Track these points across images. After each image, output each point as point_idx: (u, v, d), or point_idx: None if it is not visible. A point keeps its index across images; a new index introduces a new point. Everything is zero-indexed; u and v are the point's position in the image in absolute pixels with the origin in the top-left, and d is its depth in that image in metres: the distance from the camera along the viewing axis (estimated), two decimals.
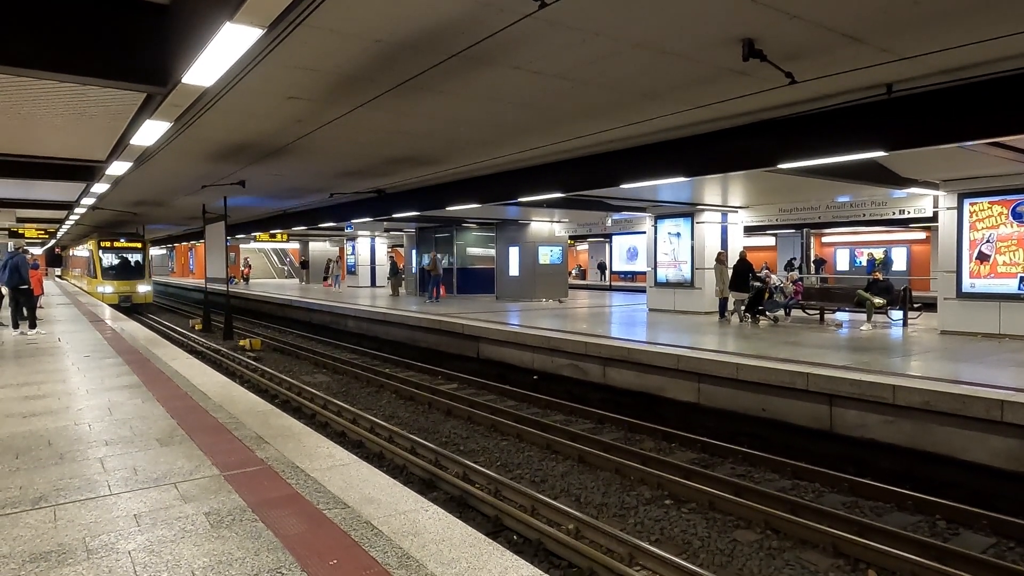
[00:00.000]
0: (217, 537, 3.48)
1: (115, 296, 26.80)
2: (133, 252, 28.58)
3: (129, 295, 27.35)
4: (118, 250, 28.23)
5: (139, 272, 28.28)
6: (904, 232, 29.25)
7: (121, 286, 27.24)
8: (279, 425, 5.85)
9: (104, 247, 27.76)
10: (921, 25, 5.23)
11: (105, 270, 27.44)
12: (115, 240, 28.19)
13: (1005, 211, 12.03)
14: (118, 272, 27.68)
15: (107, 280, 27.19)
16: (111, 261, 28.09)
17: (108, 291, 26.77)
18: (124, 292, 27.17)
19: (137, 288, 27.83)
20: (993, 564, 5.24)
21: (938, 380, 7.99)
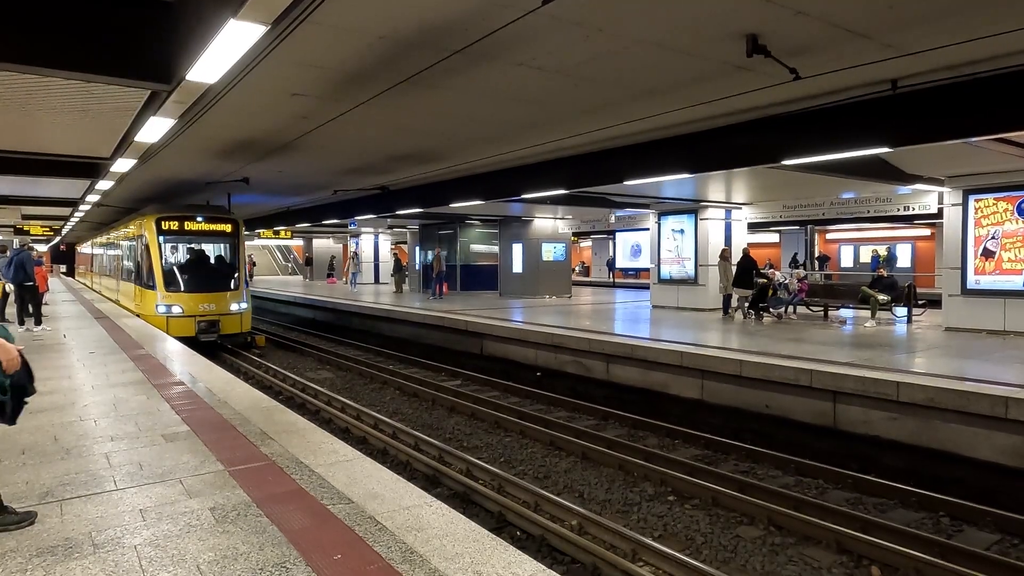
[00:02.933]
0: (222, 532, 3.49)
1: (188, 323, 15.02)
2: (218, 240, 16.90)
3: (214, 320, 15.37)
4: (193, 236, 16.29)
5: (228, 276, 16.38)
6: (909, 229, 29.15)
7: (199, 302, 15.33)
8: (283, 421, 5.87)
9: (167, 230, 15.74)
10: (927, 20, 5.20)
11: (168, 273, 15.44)
12: (188, 217, 16.09)
13: (1011, 207, 11.98)
14: (193, 276, 15.76)
15: (172, 291, 15.25)
16: (178, 257, 16.55)
17: (175, 311, 15.04)
18: (206, 314, 15.31)
19: (227, 305, 15.74)
20: (997, 561, 5.24)
21: (942, 377, 7.97)
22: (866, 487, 6.99)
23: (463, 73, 6.47)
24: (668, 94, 7.29)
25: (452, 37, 5.50)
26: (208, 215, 16.40)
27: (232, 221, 16.65)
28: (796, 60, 5.92)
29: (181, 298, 15.19)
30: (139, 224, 16.23)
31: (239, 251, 16.74)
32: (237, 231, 16.70)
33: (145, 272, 15.68)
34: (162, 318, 14.84)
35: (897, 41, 5.62)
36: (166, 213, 15.90)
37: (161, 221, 15.61)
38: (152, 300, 15.19)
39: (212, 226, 16.38)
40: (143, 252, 15.77)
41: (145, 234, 15.61)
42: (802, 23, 5.21)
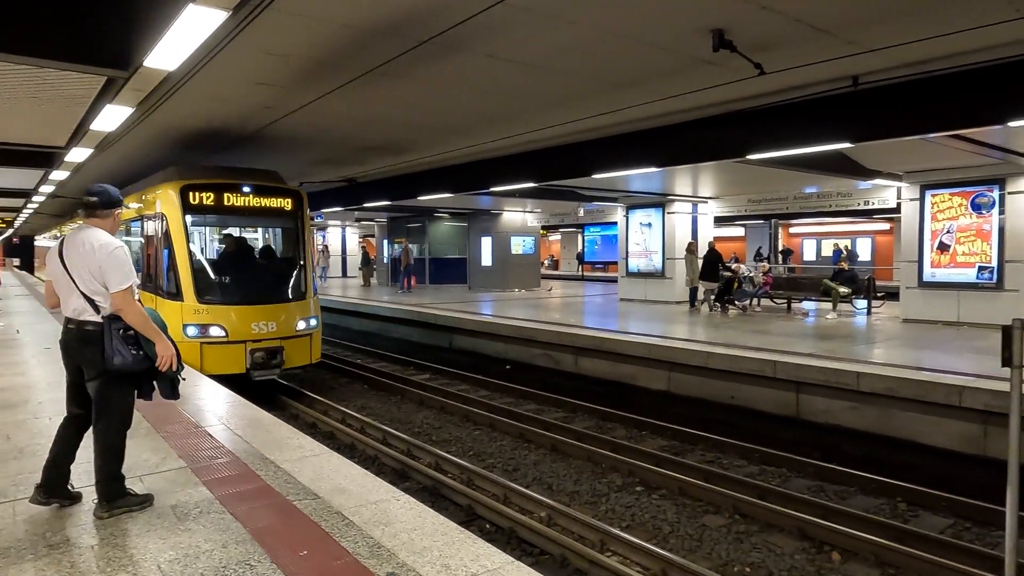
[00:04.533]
0: (184, 530, 3.42)
1: (235, 353, 9.62)
2: (275, 221, 11.42)
3: (275, 346, 9.89)
4: (239, 216, 10.76)
5: (293, 276, 10.83)
6: (868, 223, 29.89)
7: (252, 319, 9.85)
8: (248, 417, 5.77)
9: (199, 206, 10.13)
10: (887, 18, 5.31)
11: (201, 273, 10.04)
12: (231, 187, 10.31)
13: (965, 202, 12.35)
14: (241, 278, 10.61)
15: (208, 302, 9.78)
16: (215, 247, 11.79)
17: (214, 333, 9.59)
18: (262, 338, 9.82)
19: (293, 322, 10.29)
20: (950, 544, 5.41)
21: (900, 367, 8.20)
22: (828, 475, 7.16)
23: (431, 64, 6.40)
24: (636, 87, 7.33)
25: (419, 27, 5.43)
26: (259, 183, 10.52)
27: (294, 193, 10.84)
28: (761, 55, 6.00)
29: (224, 313, 9.52)
30: (152, 198, 10.52)
31: (305, 238, 10.92)
32: (301, 208, 10.84)
33: (163, 272, 9.93)
34: (192, 345, 9.12)
35: (858, 38, 5.73)
36: (197, 180, 10.09)
37: (189, 192, 9.85)
38: (175, 317, 9.19)
39: (267, 200, 10.46)
40: (160, 240, 10.11)
41: (163, 212, 9.97)
42: (767, 18, 5.28)
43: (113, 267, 3.46)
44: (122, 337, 3.47)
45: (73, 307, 3.54)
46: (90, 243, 3.51)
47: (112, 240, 3.59)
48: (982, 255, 12.16)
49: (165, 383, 3.71)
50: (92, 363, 3.50)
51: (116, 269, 3.47)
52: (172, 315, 9.40)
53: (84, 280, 3.49)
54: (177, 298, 9.64)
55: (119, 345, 3.45)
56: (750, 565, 5.31)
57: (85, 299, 3.50)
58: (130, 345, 3.48)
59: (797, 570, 5.22)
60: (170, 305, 9.72)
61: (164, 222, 9.98)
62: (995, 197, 11.97)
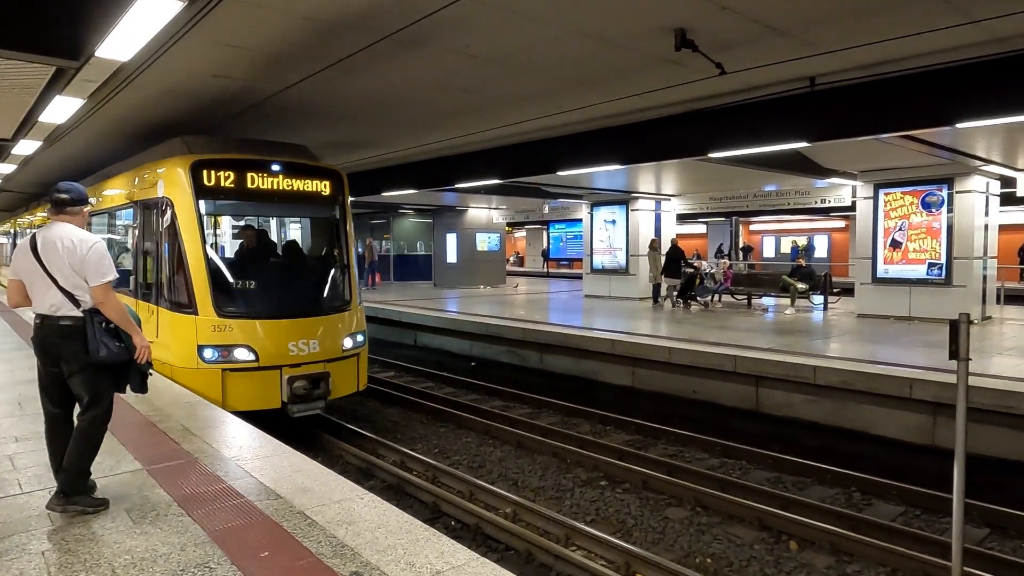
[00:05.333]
0: (140, 533, 3.33)
1: (269, 382, 7.25)
2: (309, 209, 8.94)
3: (319, 372, 7.50)
4: (265, 203, 8.30)
5: (335, 281, 8.58)
6: (825, 220, 30.67)
7: (289, 336, 7.41)
8: (207, 416, 5.65)
9: (216, 188, 7.62)
10: (842, 20, 5.44)
11: (220, 276, 7.62)
12: (255, 165, 7.83)
13: (916, 201, 12.77)
14: (272, 283, 8.27)
15: (231, 315, 7.35)
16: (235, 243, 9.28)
17: (240, 356, 7.20)
18: (302, 361, 7.42)
19: (338, 339, 7.91)
20: (901, 531, 5.61)
21: (855, 360, 8.44)
22: (786, 466, 7.34)
23: (395, 58, 6.34)
24: (601, 85, 7.37)
25: (382, 21, 5.37)
26: (291, 160, 8.23)
27: (333, 174, 8.51)
28: (722, 55, 6.09)
29: (252, 330, 7.31)
30: (150, 178, 8.02)
31: (348, 230, 8.62)
32: (341, 193, 8.52)
33: (166, 275, 7.65)
34: (212, 372, 7.07)
35: (815, 39, 5.87)
36: (213, 155, 7.81)
37: (203, 170, 7.51)
38: (187, 335, 7.20)
39: (301, 182, 8.11)
40: (162, 234, 7.68)
41: (167, 197, 7.58)
42: (728, 19, 5.36)
43: (95, 261, 3.52)
44: (104, 330, 3.53)
45: (50, 303, 3.54)
46: (69, 239, 3.54)
47: (90, 235, 3.65)
48: (932, 252, 12.59)
49: (136, 376, 3.72)
50: (75, 357, 3.52)
51: (98, 263, 3.53)
52: (181, 333, 7.25)
53: (65, 275, 3.52)
54: (188, 310, 7.24)
55: (105, 338, 3.51)
56: (711, 556, 5.41)
57: (64, 294, 3.51)
58: (112, 337, 3.56)
59: (756, 560, 5.33)
60: (178, 320, 7.31)
61: (168, 210, 7.53)
62: (944, 196, 12.40)
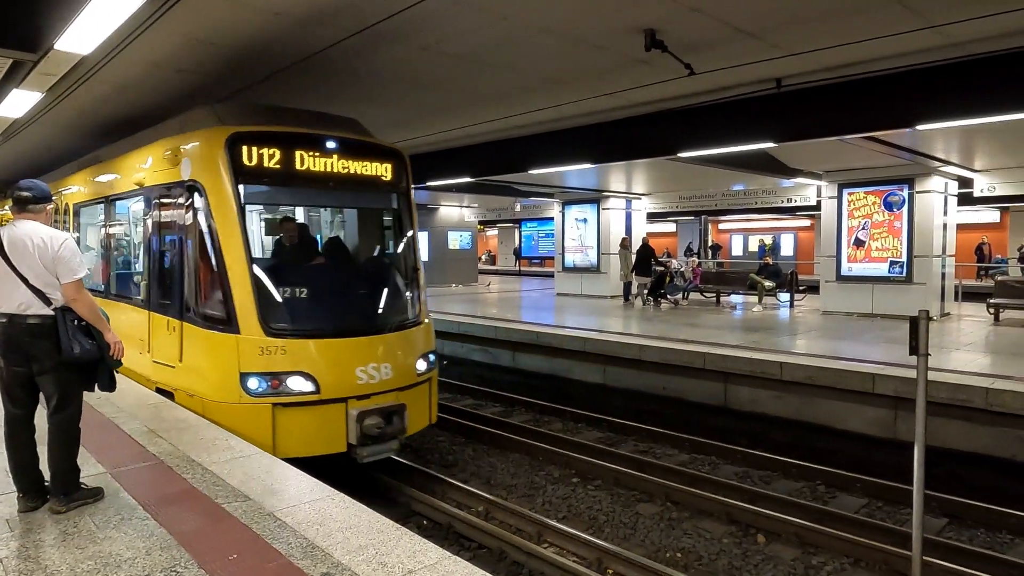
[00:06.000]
0: (104, 538, 3.25)
1: (333, 419, 5.69)
2: (368, 198, 7.12)
3: (394, 405, 5.92)
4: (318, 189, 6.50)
5: (398, 287, 6.98)
6: (792, 220, 31.25)
7: (357, 359, 5.86)
8: (173, 417, 5.54)
9: (258, 170, 5.92)
10: (808, 23, 5.56)
11: (265, 286, 5.92)
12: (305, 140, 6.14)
13: (878, 200, 13.09)
14: (324, 293, 6.46)
15: (282, 333, 5.72)
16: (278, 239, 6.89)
17: (296, 387, 5.62)
18: (372, 390, 5.87)
19: (412, 362, 6.35)
20: (864, 522, 5.75)
21: (819, 357, 8.63)
22: (754, 461, 7.47)
23: (365, 55, 6.28)
24: (572, 84, 7.41)
25: (353, 17, 5.33)
26: (346, 135, 6.60)
27: (395, 155, 6.87)
28: (691, 56, 6.17)
29: (310, 352, 5.82)
30: (169, 158, 6.32)
31: (414, 225, 7.23)
32: (405, 179, 6.97)
33: (194, 282, 6.10)
34: (258, 409, 5.58)
35: (782, 41, 5.98)
36: (254, 127, 6.16)
37: (241, 146, 5.89)
38: (226, 360, 5.70)
39: (360, 164, 6.50)
40: (188, 228, 6.12)
41: (195, 182, 5.99)
42: (696, 20, 5.43)
43: (67, 259, 3.50)
44: (76, 327, 3.52)
45: (18, 302, 3.49)
46: (39, 237, 3.50)
47: (59, 232, 3.62)
48: (893, 250, 12.92)
49: (105, 374, 3.69)
50: (47, 355, 3.49)
51: (69, 260, 3.50)
52: (217, 357, 5.69)
53: (37, 273, 3.47)
54: (226, 327, 5.64)
55: (77, 335, 3.50)
56: (681, 550, 5.49)
57: (33, 292, 3.48)
58: (85, 335, 3.54)
59: (725, 553, 5.42)
60: (213, 340, 5.73)
61: (196, 198, 5.91)
62: (905, 196, 12.73)
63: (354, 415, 5.72)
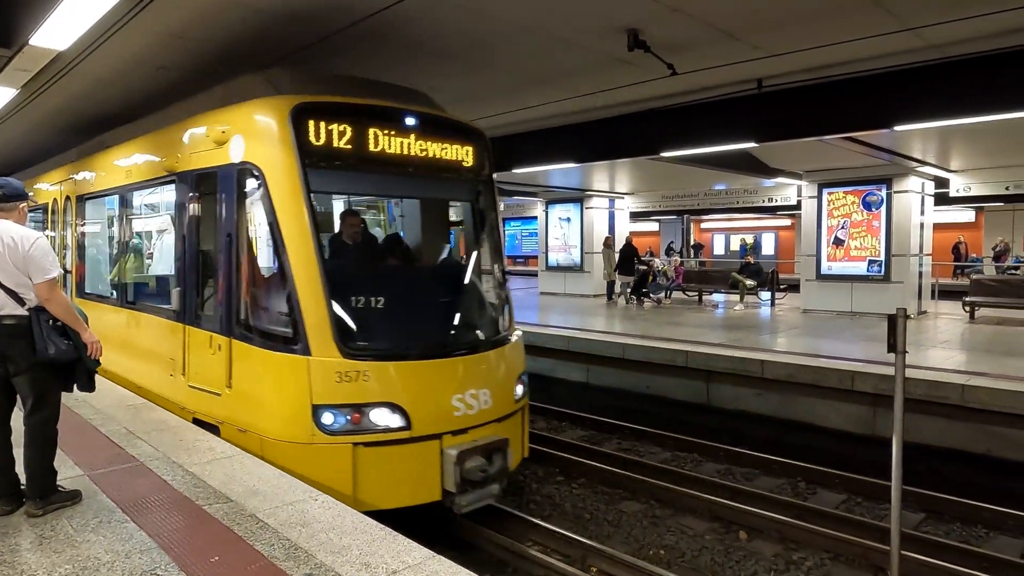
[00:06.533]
0: (82, 542, 3.21)
1: (428, 462, 4.74)
2: (447, 188, 6.15)
3: (495, 443, 5.01)
4: (395, 175, 5.44)
5: (488, 295, 6.04)
6: (773, 219, 31.54)
7: (453, 388, 4.92)
8: (153, 419, 5.47)
9: (327, 150, 4.87)
10: (789, 24, 5.61)
11: (342, 296, 4.84)
12: (380, 113, 5.13)
13: (857, 200, 13.26)
14: (410, 304, 5.53)
15: (364, 354, 4.73)
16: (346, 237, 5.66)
17: (381, 422, 4.65)
18: (473, 426, 4.96)
19: (510, 388, 5.56)
20: (844, 518, 5.83)
21: (800, 355, 8.73)
22: (736, 458, 7.53)
23: (347, 53, 6.24)
24: (556, 84, 7.42)
25: (335, 15, 5.29)
26: (426, 111, 5.65)
27: (478, 136, 6.01)
28: (673, 56, 6.20)
29: (399, 377, 4.84)
30: (214, 135, 5.16)
31: (498, 222, 6.48)
32: (488, 163, 6.13)
33: (254, 289, 5.12)
34: (336, 450, 4.58)
35: (762, 43, 6.03)
36: (323, 97, 5.15)
37: (309, 120, 4.84)
38: (293, 388, 4.67)
39: (440, 145, 5.52)
40: (242, 223, 5.12)
41: (251, 164, 4.95)
42: (679, 20, 5.46)
43: (39, 258, 3.44)
44: (52, 327, 3.46)
45: None
46: (10, 236, 3.45)
47: (31, 231, 3.57)
48: (872, 249, 13.10)
49: (83, 374, 3.63)
50: (22, 356, 3.45)
51: (42, 260, 3.45)
52: (281, 385, 4.73)
53: (8, 273, 3.43)
54: (291, 347, 4.66)
55: (52, 336, 3.44)
56: (664, 547, 5.52)
57: (6, 293, 3.42)
58: (60, 335, 3.48)
59: (708, 550, 5.46)
60: (275, 364, 4.75)
61: (251, 185, 4.93)
62: (883, 196, 12.91)
63: (452, 455, 4.73)
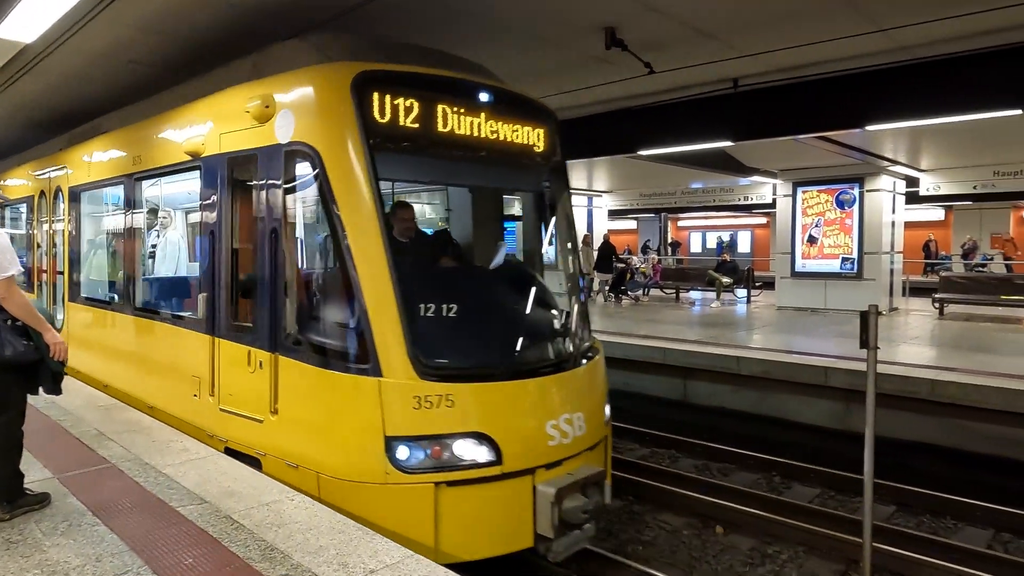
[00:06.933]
0: (51, 546, 3.14)
1: (519, 504, 3.94)
2: (523, 172, 5.20)
3: (592, 476, 4.19)
4: (470, 159, 4.60)
5: (570, 302, 5.13)
6: (749, 217, 31.91)
7: (547, 412, 4.13)
8: (125, 420, 5.37)
9: (397, 130, 4.08)
10: (764, 24, 5.67)
11: (416, 305, 4.07)
12: (449, 85, 4.38)
13: (830, 199, 13.47)
14: (492, 313, 4.66)
15: (448, 374, 3.94)
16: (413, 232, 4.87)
17: (468, 452, 3.84)
18: (568, 456, 4.16)
19: (601, 404, 4.71)
20: (818, 511, 5.92)
21: (775, 351, 8.84)
22: (712, 454, 7.60)
23: None
24: (536, 81, 7.41)
25: (310, 9, 5.23)
26: (499, 87, 4.78)
27: (549, 115, 5.18)
28: (651, 55, 6.24)
29: (486, 401, 4.03)
30: (258, 110, 4.26)
31: (571, 216, 5.64)
32: (559, 149, 5.28)
33: (309, 295, 4.49)
34: (415, 491, 3.78)
35: (739, 42, 6.09)
36: (388, 66, 4.26)
37: (373, 91, 4.02)
38: (361, 417, 3.87)
39: (511, 127, 4.64)
40: (292, 216, 4.36)
41: (306, 144, 4.13)
42: (656, 20, 5.49)
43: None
44: (10, 328, 3.35)
45: None
46: None
47: None
48: (845, 247, 13.32)
49: (47, 377, 3.52)
50: None
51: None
52: (347, 410, 3.95)
53: None
54: (359, 366, 3.91)
55: (9, 336, 3.33)
56: (643, 543, 5.56)
57: None
58: (20, 336, 3.37)
59: (685, 545, 5.51)
60: (338, 385, 3.99)
61: (304, 171, 4.19)
62: (856, 194, 13.13)
63: (549, 493, 3.93)
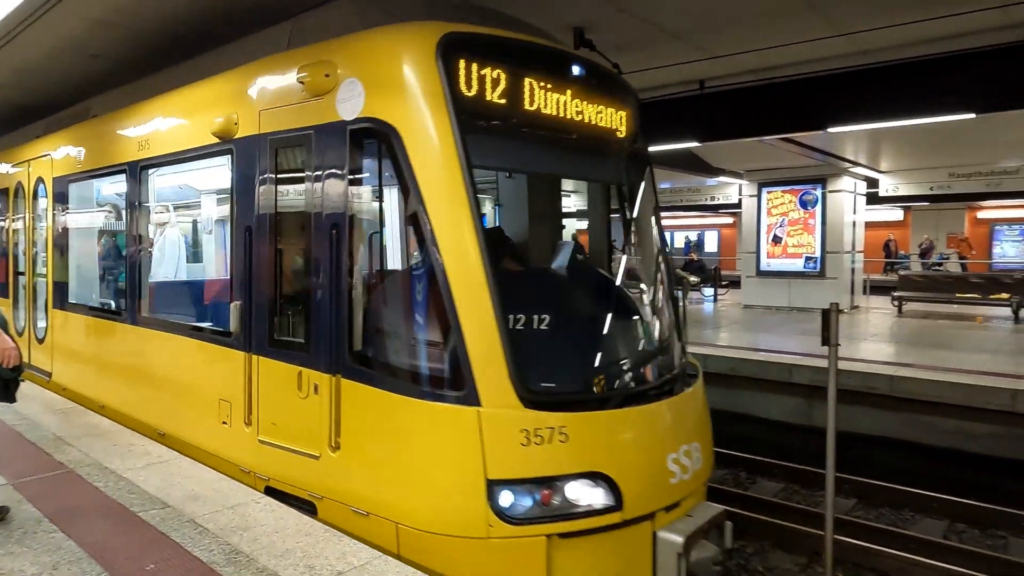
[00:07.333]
0: (4, 554, 3.04)
1: (628, 569, 3.22)
2: (609, 159, 4.35)
3: (714, 520, 3.57)
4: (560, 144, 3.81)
5: (666, 314, 4.50)
6: (716, 217, 32.39)
7: (668, 442, 3.49)
8: (84, 424, 5.22)
9: (489, 108, 3.33)
10: (729, 26, 5.77)
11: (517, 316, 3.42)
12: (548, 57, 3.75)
13: (794, 199, 13.74)
14: (595, 327, 3.95)
15: (561, 401, 3.31)
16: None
17: (584, 496, 3.10)
18: (687, 496, 3.53)
19: (710, 438, 4.03)
20: (782, 505, 6.04)
21: (741, 348, 8.99)
22: None
23: None
24: None
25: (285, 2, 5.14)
26: (590, 62, 4.08)
27: (632, 93, 4.54)
28: (619, 56, 6.27)
29: (603, 434, 3.32)
30: (310, 75, 3.51)
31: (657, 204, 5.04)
32: (642, 135, 4.64)
33: (387, 303, 3.65)
34: (524, 546, 3.03)
35: (705, 44, 6.18)
36: (477, 28, 3.53)
37: (460, 59, 3.26)
38: (453, 456, 3.14)
39: (596, 107, 3.92)
40: (365, 206, 3.53)
41: (380, 120, 3.32)
42: (624, 21, 5.54)
43: None
44: None
45: None
46: None
47: None
48: (808, 247, 13.60)
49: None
50: None
51: None
52: (436, 448, 3.21)
53: None
54: (451, 393, 3.18)
55: None
56: None
57: None
58: None
59: None
60: (425, 413, 3.23)
61: (377, 153, 3.45)
62: (818, 195, 13.42)
63: (676, 543, 3.26)
